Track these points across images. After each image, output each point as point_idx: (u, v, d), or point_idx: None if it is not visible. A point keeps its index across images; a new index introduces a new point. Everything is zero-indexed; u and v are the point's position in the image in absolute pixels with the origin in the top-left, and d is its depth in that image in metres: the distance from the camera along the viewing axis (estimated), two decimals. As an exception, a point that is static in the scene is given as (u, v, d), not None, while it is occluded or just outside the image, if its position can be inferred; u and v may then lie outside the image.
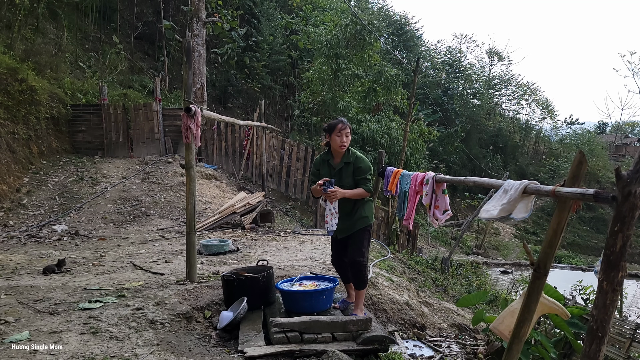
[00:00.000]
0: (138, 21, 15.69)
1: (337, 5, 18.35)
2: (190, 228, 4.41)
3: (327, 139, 3.68)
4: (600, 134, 39.43)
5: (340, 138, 3.61)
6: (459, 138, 23.55)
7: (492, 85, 28.85)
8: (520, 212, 2.29)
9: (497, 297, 6.95)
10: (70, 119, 10.91)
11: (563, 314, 2.72)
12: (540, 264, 2.19)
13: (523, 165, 28.05)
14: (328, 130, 3.69)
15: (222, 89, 16.94)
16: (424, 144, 14.65)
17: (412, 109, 12.04)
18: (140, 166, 10.34)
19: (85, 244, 6.84)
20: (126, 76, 13.91)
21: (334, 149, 3.69)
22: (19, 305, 3.69)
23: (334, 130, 3.64)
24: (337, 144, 3.64)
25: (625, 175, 1.60)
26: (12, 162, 8.69)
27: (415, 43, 26.18)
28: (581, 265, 13.82)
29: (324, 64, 14.03)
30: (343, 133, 3.63)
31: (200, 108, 4.35)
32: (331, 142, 3.68)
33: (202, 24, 10.32)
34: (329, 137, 3.66)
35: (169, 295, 3.98)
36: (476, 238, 17.08)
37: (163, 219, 8.43)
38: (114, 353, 2.89)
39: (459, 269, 9.41)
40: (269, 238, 7.46)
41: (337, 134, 3.62)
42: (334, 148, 3.68)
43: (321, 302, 3.75)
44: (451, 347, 4.16)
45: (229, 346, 3.44)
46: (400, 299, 4.75)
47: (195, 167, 4.47)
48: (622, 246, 1.61)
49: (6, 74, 9.08)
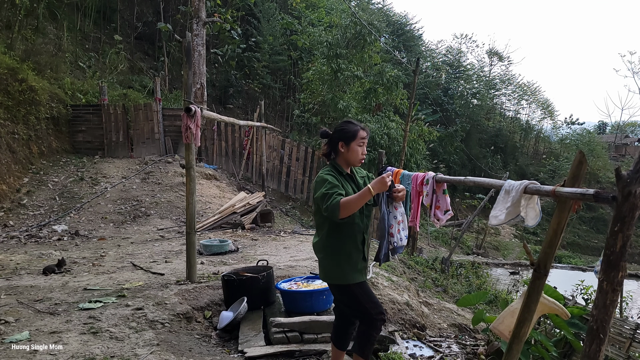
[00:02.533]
0: (138, 21, 15.69)
1: (338, 5, 18.36)
2: (190, 228, 4.41)
3: (342, 148, 2.71)
4: (600, 134, 39.41)
5: (362, 149, 2.74)
6: (459, 138, 23.54)
7: (492, 85, 28.83)
8: (532, 218, 2.29)
9: (497, 297, 6.96)
10: (70, 119, 10.92)
11: (563, 314, 2.71)
12: (540, 264, 2.19)
13: (523, 165, 28.03)
14: (346, 137, 2.71)
15: (222, 89, 16.94)
16: (423, 144, 14.64)
17: (412, 109, 12.04)
18: (140, 166, 10.34)
19: (85, 244, 6.84)
20: (126, 76, 13.91)
21: (348, 161, 2.74)
22: (19, 305, 3.69)
23: (355, 138, 2.71)
24: (357, 156, 2.72)
25: (625, 175, 1.60)
26: (12, 162, 8.69)
27: (415, 43, 26.17)
28: (581, 265, 13.82)
29: (324, 64, 14.03)
30: (364, 143, 2.76)
31: (200, 108, 4.35)
32: (347, 152, 2.72)
33: (202, 24, 10.32)
34: (345, 146, 2.71)
35: (169, 295, 3.98)
36: (476, 238, 17.08)
37: (163, 219, 8.43)
38: (114, 353, 2.89)
39: (459, 269, 9.42)
40: (269, 238, 7.46)
41: (359, 142, 2.72)
42: (350, 160, 2.74)
43: (321, 302, 3.75)
44: (451, 347, 4.16)
45: (229, 346, 3.44)
46: (400, 299, 4.75)
47: (195, 167, 4.47)
48: (622, 246, 1.61)
49: (6, 74, 9.08)
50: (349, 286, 2.67)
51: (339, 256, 2.67)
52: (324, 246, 2.71)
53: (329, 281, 2.76)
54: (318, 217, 2.75)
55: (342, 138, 2.72)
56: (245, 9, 17.22)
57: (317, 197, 2.59)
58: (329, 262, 2.70)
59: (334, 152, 2.79)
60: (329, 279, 2.74)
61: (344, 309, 2.85)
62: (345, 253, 2.66)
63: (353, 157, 2.73)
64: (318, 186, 2.60)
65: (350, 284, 2.66)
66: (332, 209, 2.46)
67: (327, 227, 2.67)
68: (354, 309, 2.73)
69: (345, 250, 2.66)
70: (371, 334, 2.70)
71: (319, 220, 2.73)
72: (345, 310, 2.83)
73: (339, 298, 2.81)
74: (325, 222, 2.68)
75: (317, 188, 2.60)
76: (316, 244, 2.77)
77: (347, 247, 2.66)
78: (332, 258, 2.69)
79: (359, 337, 2.74)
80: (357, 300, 2.68)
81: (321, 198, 2.53)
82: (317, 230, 2.80)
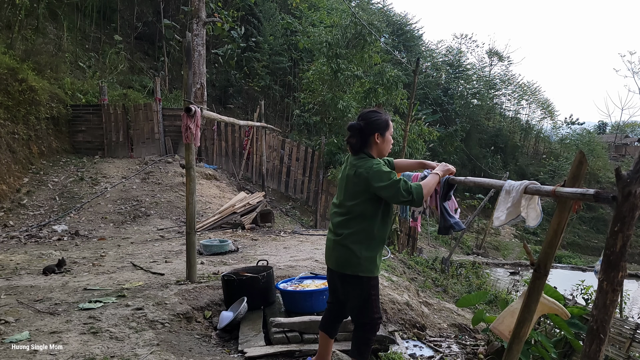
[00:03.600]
0: (138, 21, 15.69)
1: (338, 6, 18.35)
2: (190, 228, 4.41)
3: (378, 139, 2.66)
4: (600, 134, 39.38)
5: (391, 139, 2.77)
6: (459, 138, 23.55)
7: (492, 85, 28.83)
8: (533, 218, 2.28)
9: (497, 297, 6.95)
10: (70, 119, 10.92)
11: (563, 314, 2.71)
12: (540, 264, 2.19)
13: (523, 166, 28.03)
14: (381, 127, 2.66)
15: (222, 89, 16.94)
16: (423, 144, 14.63)
17: (412, 109, 12.04)
18: (140, 166, 10.34)
19: (85, 244, 6.84)
20: (126, 76, 13.91)
21: (382, 151, 2.73)
22: (19, 305, 3.69)
23: (389, 127, 2.70)
24: (389, 146, 2.74)
25: (625, 175, 1.60)
26: (12, 162, 8.69)
27: (415, 43, 26.18)
28: (581, 265, 13.82)
29: (324, 64, 14.03)
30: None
31: (200, 108, 4.35)
32: (383, 143, 2.68)
33: (202, 24, 10.31)
34: (380, 136, 2.66)
35: (169, 295, 3.98)
36: (476, 238, 17.08)
37: (163, 219, 8.43)
38: (114, 353, 2.89)
39: (459, 269, 9.41)
40: (269, 238, 7.46)
41: (391, 132, 2.74)
42: (384, 151, 2.73)
43: (321, 302, 3.75)
44: (451, 347, 4.16)
45: (229, 346, 3.44)
46: (400, 299, 4.75)
47: (195, 167, 4.47)
48: (622, 246, 1.61)
49: (6, 74, 9.09)
50: (371, 279, 2.66)
51: (379, 248, 2.68)
52: (369, 237, 2.62)
53: (359, 273, 2.62)
54: (365, 207, 2.62)
55: (378, 129, 2.65)
56: (246, 9, 17.23)
57: (384, 186, 2.51)
58: (368, 253, 2.62)
59: (364, 144, 2.68)
60: (360, 270, 2.62)
61: (343, 304, 2.81)
62: (382, 245, 2.71)
63: (387, 147, 2.71)
64: (382, 176, 2.53)
65: (372, 276, 2.66)
66: (417, 192, 2.49)
67: (377, 217, 2.63)
68: (360, 304, 2.67)
69: (384, 242, 2.72)
70: (369, 338, 2.70)
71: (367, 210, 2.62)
72: (348, 304, 2.77)
73: (349, 290, 2.71)
74: (376, 213, 2.62)
75: (380, 178, 2.52)
76: (355, 234, 2.62)
77: (385, 239, 2.73)
78: (372, 250, 2.63)
79: (357, 343, 2.73)
80: (369, 295, 2.65)
81: (394, 184, 2.49)
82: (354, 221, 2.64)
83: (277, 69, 17.95)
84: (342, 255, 2.67)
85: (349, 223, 2.66)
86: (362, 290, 2.65)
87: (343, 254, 2.66)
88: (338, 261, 2.70)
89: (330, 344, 2.90)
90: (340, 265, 2.68)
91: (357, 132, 2.67)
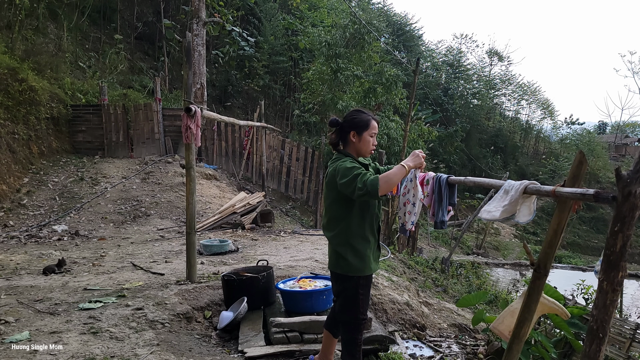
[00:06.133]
0: (138, 21, 15.70)
1: (338, 5, 18.36)
2: (190, 228, 4.41)
3: (353, 138, 2.64)
4: (600, 134, 39.40)
5: (373, 140, 2.68)
6: (459, 138, 23.55)
7: (492, 85, 28.84)
8: (524, 215, 2.28)
9: (497, 297, 6.95)
10: (70, 119, 10.92)
11: (563, 314, 2.71)
12: (540, 264, 2.19)
13: (523, 166, 28.03)
14: (358, 126, 2.63)
15: (222, 89, 16.94)
16: (423, 144, 14.65)
17: (412, 109, 12.04)
18: (140, 166, 10.34)
19: (85, 244, 6.84)
20: (126, 76, 13.91)
21: (359, 151, 2.69)
22: (19, 305, 3.69)
23: (368, 127, 2.64)
24: (368, 146, 2.67)
25: (625, 175, 1.60)
26: (12, 162, 8.69)
27: (415, 43, 26.19)
28: (581, 265, 13.81)
29: (324, 64, 14.04)
30: (375, 134, 2.71)
31: (200, 108, 4.35)
32: (359, 142, 2.65)
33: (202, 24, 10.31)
34: (357, 135, 2.63)
35: (169, 295, 3.98)
36: (476, 238, 17.07)
37: (163, 219, 8.43)
38: (114, 353, 2.89)
39: (459, 269, 9.41)
40: (269, 238, 7.46)
41: (371, 133, 2.66)
42: (362, 151, 2.68)
43: (321, 302, 3.75)
44: (451, 347, 4.16)
45: (229, 346, 3.44)
46: (400, 299, 4.75)
47: (195, 167, 4.47)
48: (622, 246, 1.61)
49: (6, 74, 9.09)
50: (360, 278, 2.63)
51: (366, 243, 2.64)
52: (350, 236, 2.61)
53: (349, 273, 2.63)
54: (337, 208, 2.63)
55: (355, 127, 2.63)
56: (246, 8, 17.23)
57: (344, 182, 2.45)
58: (354, 252, 2.61)
59: (343, 142, 2.69)
60: (349, 270, 2.62)
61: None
62: (369, 243, 2.65)
63: (364, 147, 2.66)
64: (344, 172, 2.47)
65: (362, 275, 2.63)
66: (372, 184, 2.35)
67: (352, 216, 2.60)
68: (347, 302, 2.67)
69: (369, 239, 2.65)
70: (355, 337, 2.69)
71: (339, 210, 2.62)
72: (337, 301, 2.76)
73: (339, 288, 2.72)
74: (349, 212, 2.59)
75: (343, 174, 2.47)
76: (336, 236, 2.64)
77: (370, 237, 2.66)
78: (358, 248, 2.62)
79: (345, 344, 2.73)
80: (357, 293, 2.63)
81: (352, 179, 2.41)
82: (333, 222, 2.67)
83: (277, 69, 17.96)
84: (332, 256, 2.74)
85: (329, 225, 2.71)
86: (351, 288, 2.66)
87: (332, 254, 2.73)
88: (330, 260, 2.77)
89: (333, 343, 2.92)
90: (331, 265, 2.75)
91: (336, 128, 2.71)
